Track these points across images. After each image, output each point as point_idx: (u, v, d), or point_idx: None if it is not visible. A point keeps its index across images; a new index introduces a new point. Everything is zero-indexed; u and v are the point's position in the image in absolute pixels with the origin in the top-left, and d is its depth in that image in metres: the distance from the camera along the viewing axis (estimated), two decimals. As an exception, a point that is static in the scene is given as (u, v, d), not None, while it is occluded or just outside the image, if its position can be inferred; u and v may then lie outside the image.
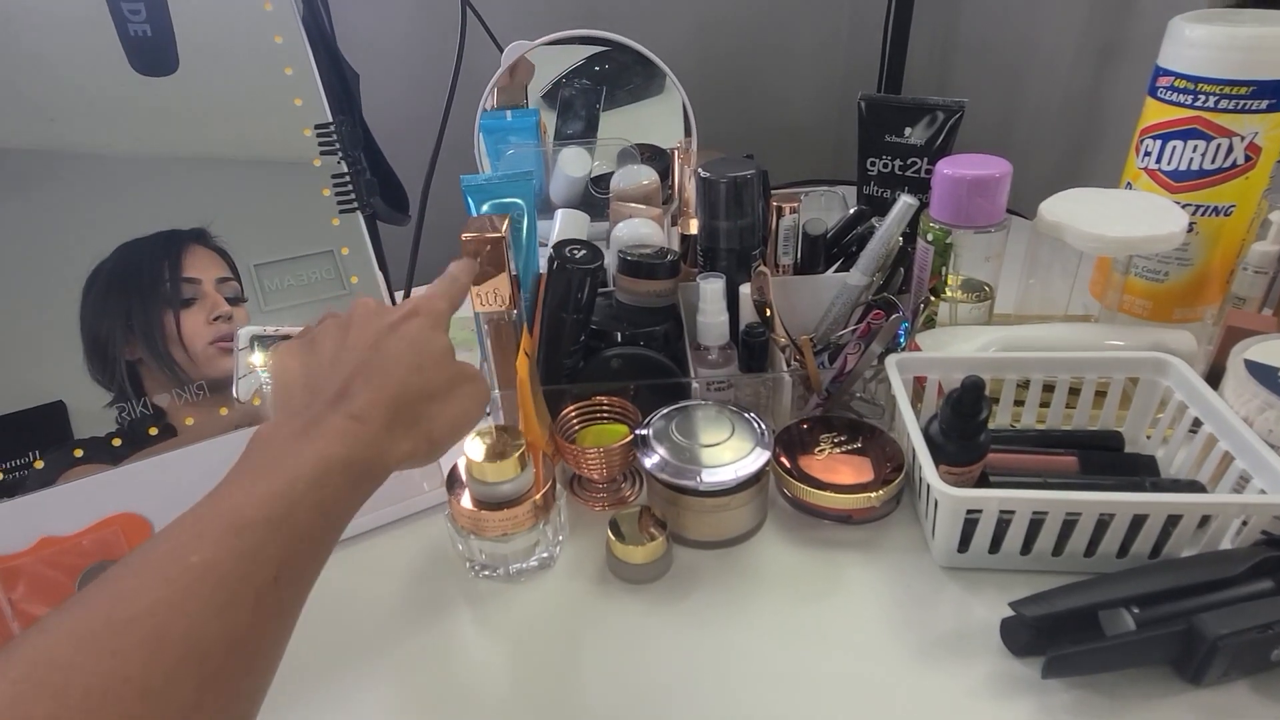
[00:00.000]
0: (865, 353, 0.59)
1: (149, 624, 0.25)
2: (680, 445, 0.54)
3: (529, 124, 0.85)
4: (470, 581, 0.54)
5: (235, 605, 0.27)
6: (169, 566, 0.27)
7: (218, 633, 0.27)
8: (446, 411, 0.39)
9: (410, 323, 0.39)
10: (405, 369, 0.37)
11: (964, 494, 0.48)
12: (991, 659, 0.46)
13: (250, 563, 0.28)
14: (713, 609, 0.51)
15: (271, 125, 0.54)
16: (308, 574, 0.31)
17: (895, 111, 0.75)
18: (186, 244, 0.51)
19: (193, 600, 0.26)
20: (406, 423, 0.36)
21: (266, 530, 0.29)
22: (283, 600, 0.30)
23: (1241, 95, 0.60)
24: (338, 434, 0.33)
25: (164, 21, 0.50)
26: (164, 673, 0.25)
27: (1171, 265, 0.68)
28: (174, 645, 0.26)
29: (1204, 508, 0.47)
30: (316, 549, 0.32)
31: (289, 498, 0.30)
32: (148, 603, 0.26)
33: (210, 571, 0.27)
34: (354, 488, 0.34)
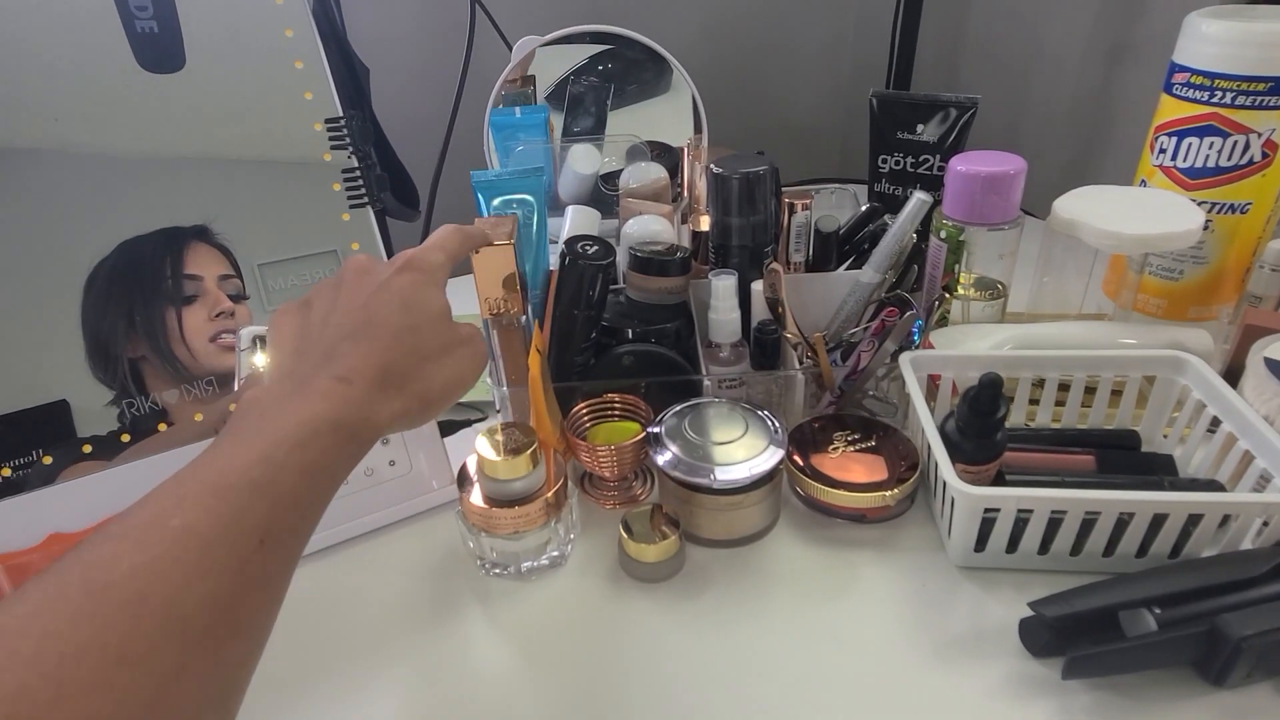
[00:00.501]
0: (878, 351, 0.59)
1: (128, 589, 0.25)
2: (693, 443, 0.54)
3: (538, 121, 0.85)
4: (481, 580, 0.54)
5: (218, 570, 0.26)
6: (149, 532, 0.26)
7: (200, 598, 0.26)
8: (441, 372, 0.38)
9: (402, 278, 0.38)
10: (396, 328, 0.36)
11: (982, 492, 0.47)
12: (1010, 660, 0.46)
13: (233, 527, 0.27)
14: (725, 608, 0.51)
15: (281, 120, 0.53)
16: (295, 539, 0.30)
17: (907, 108, 0.75)
18: (188, 241, 0.50)
19: (173, 565, 0.26)
20: (397, 383, 0.35)
21: (250, 494, 0.28)
22: (269, 565, 0.29)
23: (1259, 91, 0.59)
24: (323, 395, 0.33)
25: (171, 17, 0.50)
26: (144, 638, 0.24)
27: (1187, 263, 0.67)
28: (154, 611, 0.25)
29: (1226, 507, 0.46)
30: (304, 513, 0.31)
31: (273, 461, 0.29)
32: (126, 568, 0.25)
33: (192, 536, 0.26)
34: (341, 450, 0.32)
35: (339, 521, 0.57)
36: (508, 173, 0.58)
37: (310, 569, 0.55)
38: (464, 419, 0.66)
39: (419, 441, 0.58)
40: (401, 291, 0.37)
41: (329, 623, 0.51)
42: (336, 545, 0.57)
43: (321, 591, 0.54)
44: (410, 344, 0.36)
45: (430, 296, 0.39)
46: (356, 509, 0.57)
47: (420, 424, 0.37)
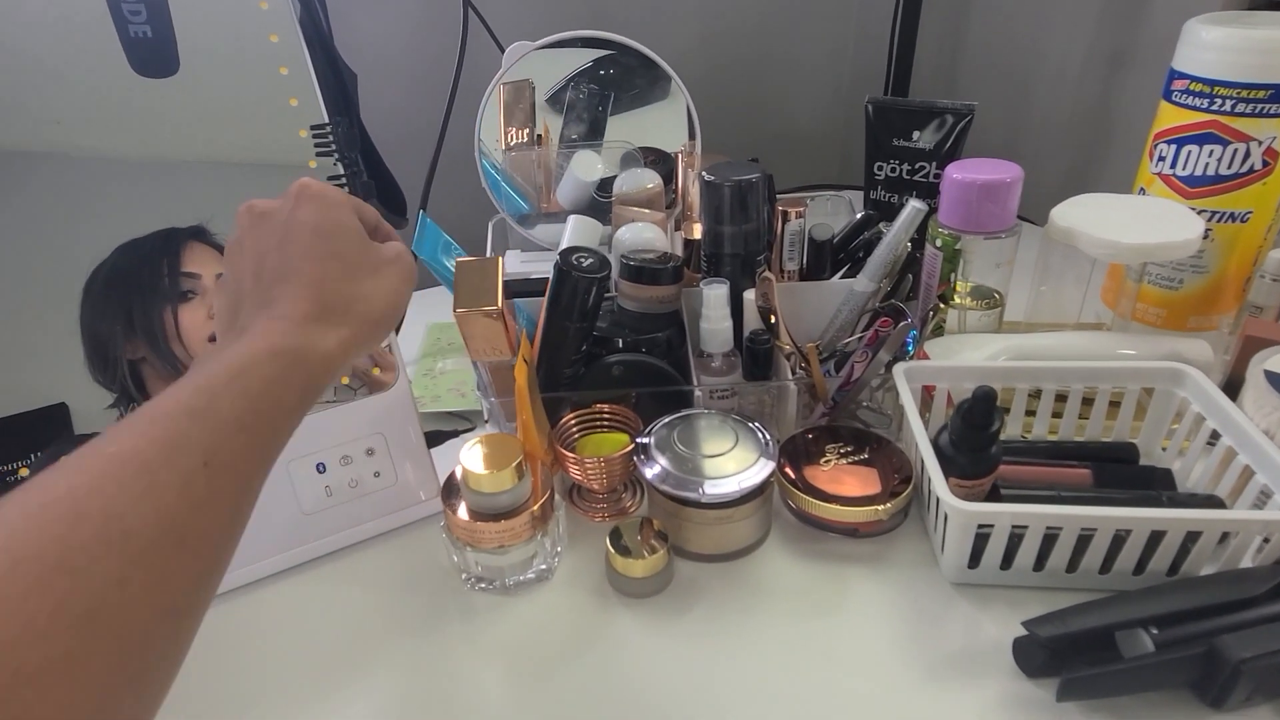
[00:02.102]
0: (872, 361, 0.58)
1: (64, 506, 0.24)
2: (682, 455, 0.53)
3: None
4: (466, 594, 0.53)
5: (159, 488, 0.26)
6: (85, 459, 0.26)
7: (143, 513, 0.25)
8: (378, 292, 0.37)
9: (305, 210, 0.37)
10: (318, 258, 0.36)
11: (976, 508, 0.46)
12: (1003, 679, 0.45)
13: (171, 449, 0.27)
14: (714, 625, 0.50)
15: (267, 126, 0.53)
16: (245, 463, 0.30)
17: (903, 115, 0.74)
18: (185, 240, 0.50)
19: (110, 483, 0.26)
20: (338, 312, 0.35)
21: (188, 419, 0.28)
22: (216, 487, 0.28)
23: (1259, 99, 0.59)
24: (261, 333, 0.33)
25: (164, 22, 0.49)
26: (82, 550, 0.24)
27: (1186, 273, 0.66)
28: (91, 522, 0.24)
29: (1225, 524, 0.45)
30: (250, 439, 0.30)
31: (210, 390, 0.30)
32: (63, 489, 0.25)
33: (130, 458, 0.26)
34: (285, 378, 0.32)
35: (321, 534, 0.56)
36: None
37: (290, 583, 0.55)
38: (451, 429, 0.66)
39: (405, 452, 0.57)
40: (309, 223, 0.36)
41: (309, 638, 0.51)
42: (320, 559, 0.56)
43: (302, 606, 0.53)
44: (337, 270, 0.36)
45: (340, 218, 0.38)
46: (340, 522, 0.56)
47: (375, 345, 0.37)
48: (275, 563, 0.55)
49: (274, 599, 0.53)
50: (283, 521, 0.54)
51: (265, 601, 0.53)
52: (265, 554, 0.54)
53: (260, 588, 0.54)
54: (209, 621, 0.28)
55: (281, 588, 0.54)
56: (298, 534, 0.55)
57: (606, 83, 0.85)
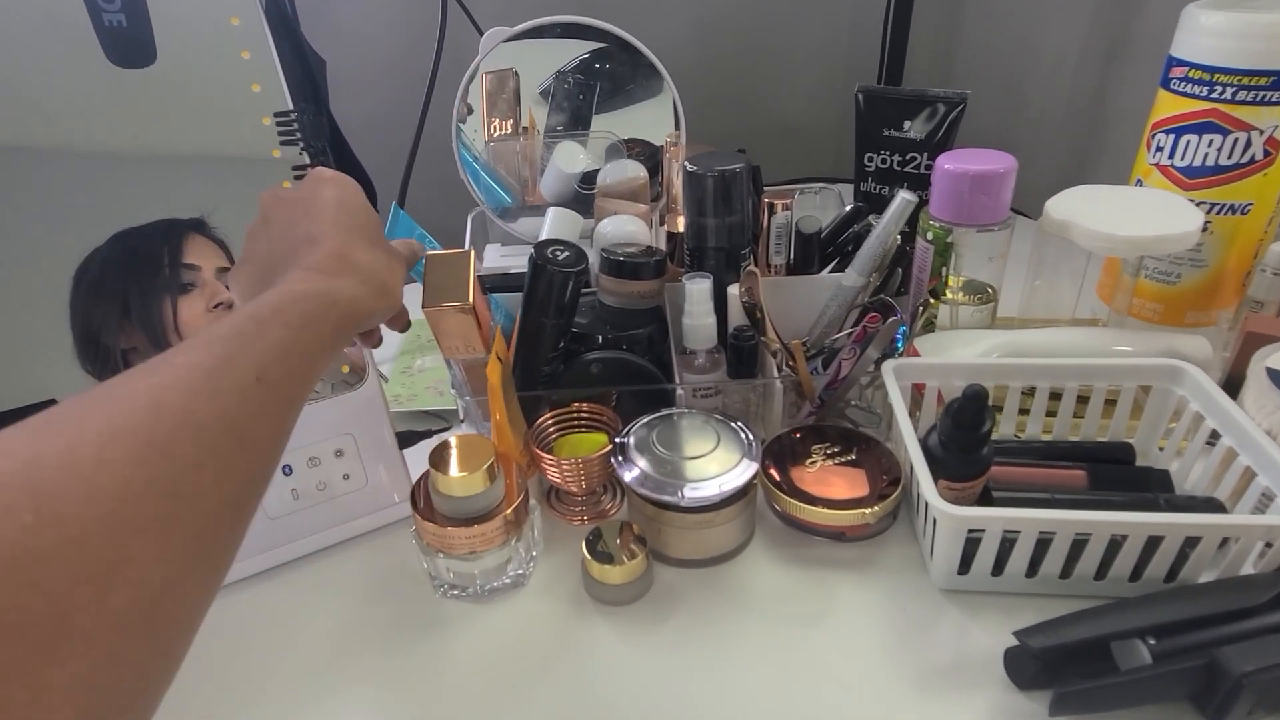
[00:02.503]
0: (861, 358, 0.56)
1: (147, 396, 0.27)
2: (662, 457, 0.51)
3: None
4: (437, 602, 0.51)
5: (222, 394, 0.29)
6: (156, 366, 0.29)
7: (210, 412, 0.28)
8: (384, 259, 0.41)
9: (327, 189, 0.41)
10: (341, 225, 0.40)
11: (965, 513, 0.44)
12: (994, 691, 0.43)
13: (229, 364, 0.30)
14: (694, 634, 0.48)
15: (228, 114, 0.51)
16: (289, 385, 0.33)
17: (894, 104, 0.72)
18: (186, 232, 0.50)
19: (183, 384, 0.28)
20: (356, 269, 0.39)
21: (240, 341, 0.31)
22: (267, 400, 0.31)
23: (1261, 86, 0.57)
24: (296, 279, 0.37)
25: (139, 10, 0.47)
26: (166, 432, 0.26)
27: (1184, 266, 0.64)
28: (170, 413, 0.27)
29: (1225, 530, 0.44)
30: (293, 364, 0.33)
31: (258, 318, 0.33)
32: (143, 386, 0.28)
33: (195, 368, 0.29)
34: (320, 315, 0.36)
35: (288, 540, 0.54)
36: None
37: (254, 591, 0.53)
38: (425, 429, 0.63)
39: (376, 453, 0.55)
40: (334, 199, 0.41)
41: (273, 649, 0.48)
42: (286, 565, 0.54)
43: (266, 615, 0.51)
44: (355, 236, 0.40)
45: (358, 197, 0.42)
46: (307, 526, 0.54)
47: (380, 312, 0.41)
48: (239, 569, 0.53)
49: (237, 607, 0.51)
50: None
51: (227, 610, 0.51)
52: (228, 560, 0.52)
53: (224, 595, 0.51)
54: None
55: (245, 596, 0.52)
56: (263, 539, 0.53)
57: (594, 73, 0.83)
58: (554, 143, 0.83)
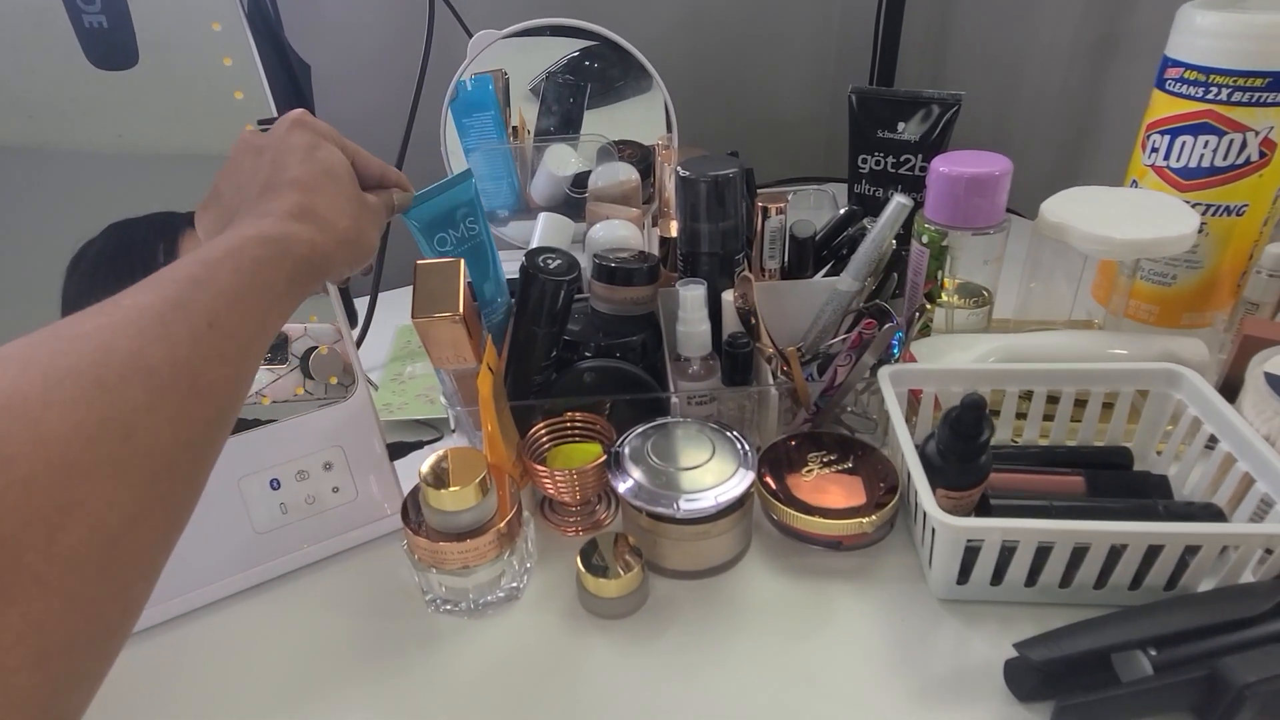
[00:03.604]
0: (856, 365, 0.55)
1: (95, 339, 0.27)
2: (657, 468, 0.50)
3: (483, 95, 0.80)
4: (429, 617, 0.50)
5: (171, 338, 0.29)
6: (104, 308, 0.28)
7: (161, 355, 0.28)
8: (349, 214, 0.41)
9: (296, 136, 0.41)
10: (302, 175, 0.39)
11: (964, 524, 0.44)
12: (994, 703, 0.42)
13: (180, 307, 0.30)
14: (691, 646, 0.47)
15: (212, 120, 0.49)
16: (242, 332, 0.32)
17: (888, 105, 0.71)
18: (183, 228, 0.48)
19: (130, 327, 0.28)
20: (314, 216, 0.38)
21: (191, 285, 0.31)
22: (220, 347, 0.31)
23: (1256, 88, 0.56)
24: (249, 224, 0.36)
25: (121, 12, 0.46)
26: (115, 375, 0.26)
27: (1180, 268, 0.64)
28: (119, 355, 0.27)
29: (1225, 538, 0.43)
30: (246, 310, 0.33)
31: (208, 263, 0.32)
32: (90, 326, 0.27)
33: (145, 310, 0.29)
34: (273, 261, 0.35)
35: (277, 554, 0.53)
36: (434, 187, 0.53)
37: (244, 607, 0.52)
38: (416, 440, 0.62)
39: (366, 465, 0.55)
40: (299, 148, 0.40)
41: (262, 666, 0.48)
42: (275, 580, 0.53)
43: (256, 632, 0.50)
44: (321, 181, 0.40)
45: (326, 150, 0.41)
46: (297, 540, 0.53)
47: (339, 267, 0.40)
48: (227, 585, 0.52)
49: (226, 624, 0.50)
50: (234, 541, 0.51)
51: (216, 627, 0.50)
52: (216, 576, 0.51)
53: (211, 612, 0.51)
54: (155, 649, 0.28)
55: (234, 612, 0.51)
56: (251, 554, 0.52)
57: (583, 73, 0.82)
58: (544, 146, 0.82)
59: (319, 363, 0.52)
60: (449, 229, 0.55)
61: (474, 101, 0.80)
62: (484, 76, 0.80)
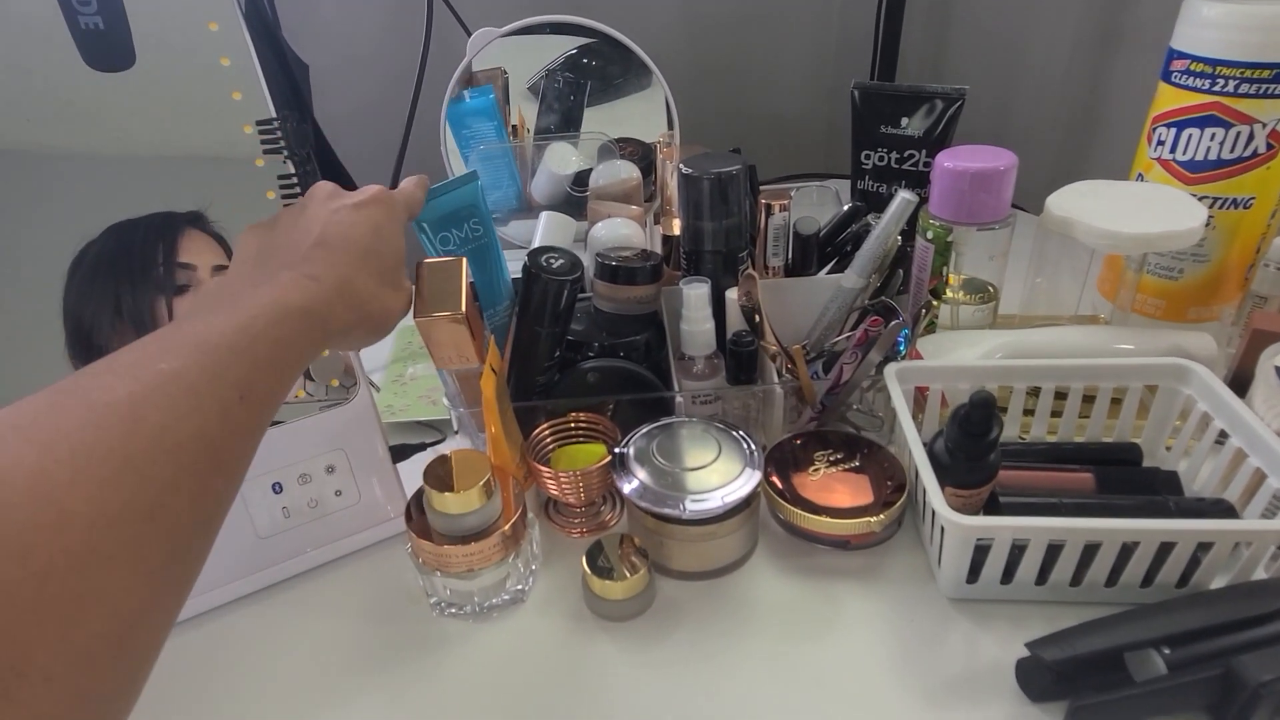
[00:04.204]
0: (862, 362, 0.55)
1: (125, 410, 0.26)
2: (662, 469, 0.50)
3: (487, 104, 0.79)
4: (434, 620, 0.50)
5: (203, 411, 0.28)
6: (139, 369, 0.28)
7: (189, 430, 0.27)
8: (384, 301, 0.41)
9: (375, 208, 0.41)
10: (364, 248, 0.39)
11: (974, 523, 0.44)
12: (1006, 703, 0.42)
13: (215, 379, 0.29)
14: (698, 648, 0.47)
15: (211, 121, 0.49)
16: (269, 402, 0.32)
17: (891, 100, 0.71)
18: (182, 228, 0.48)
19: (164, 398, 0.27)
20: (352, 298, 0.38)
21: (230, 355, 0.30)
22: (246, 419, 0.30)
23: (1264, 79, 0.56)
24: (293, 285, 0.35)
25: (117, 13, 0.46)
26: (143, 452, 0.25)
27: (1187, 262, 0.63)
28: (150, 431, 0.26)
29: (1237, 535, 0.43)
30: (275, 381, 0.33)
31: (250, 330, 0.32)
32: (123, 393, 0.26)
33: (179, 378, 0.28)
34: (307, 336, 0.35)
35: (279, 559, 0.53)
36: (439, 187, 0.53)
37: (246, 612, 0.51)
38: (419, 441, 0.62)
39: (369, 468, 0.54)
40: (374, 218, 0.41)
41: (265, 672, 0.47)
42: (278, 585, 0.53)
43: (259, 638, 0.49)
44: (373, 266, 0.40)
45: (397, 233, 0.42)
46: (300, 545, 0.53)
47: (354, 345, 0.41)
48: (229, 591, 0.51)
49: (229, 630, 0.50)
50: (236, 547, 0.51)
51: (219, 633, 0.50)
52: (218, 582, 0.51)
53: (213, 618, 0.51)
54: (162, 652, 0.27)
55: (237, 618, 0.51)
56: (253, 559, 0.52)
57: (584, 70, 0.81)
58: (545, 144, 0.82)
59: (320, 365, 0.51)
60: (453, 228, 0.54)
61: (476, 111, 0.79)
62: (485, 88, 0.79)
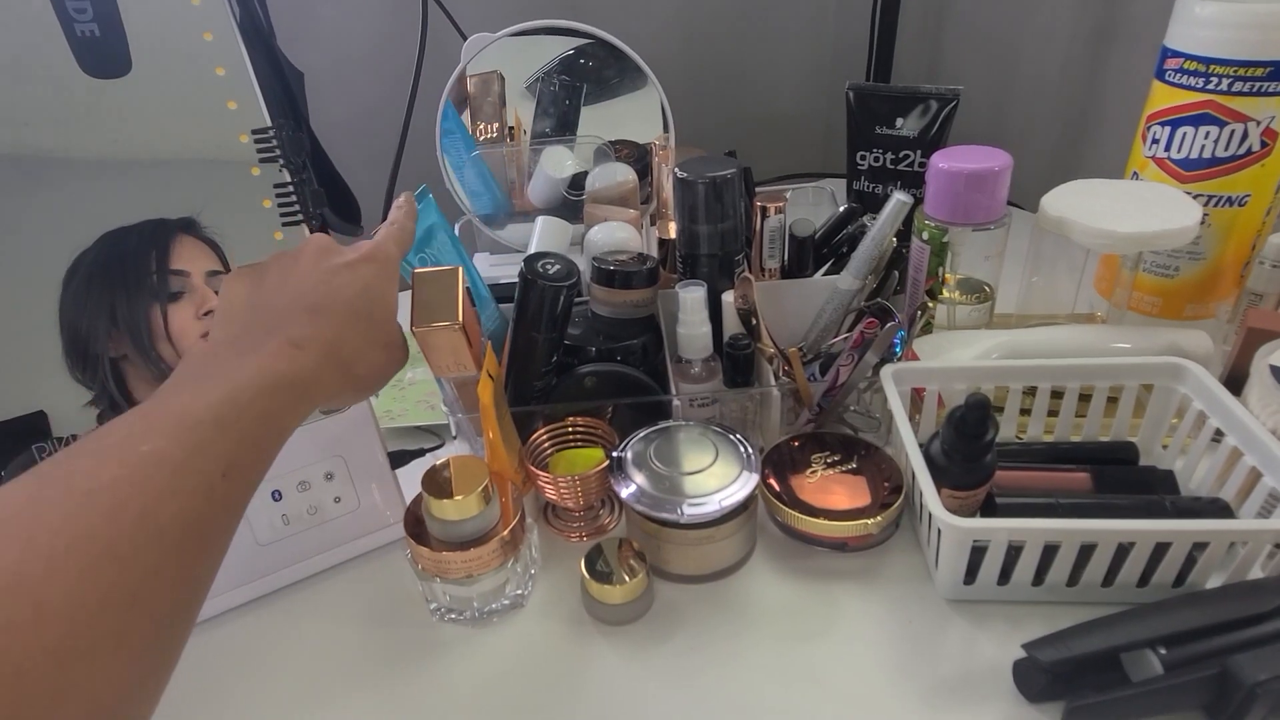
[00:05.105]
0: (859, 364, 0.55)
1: (108, 497, 0.26)
2: (660, 473, 0.50)
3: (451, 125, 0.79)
4: (434, 626, 0.50)
5: (187, 492, 0.28)
6: (122, 451, 0.28)
7: (172, 513, 0.27)
8: (375, 362, 0.40)
9: (367, 267, 0.40)
10: (353, 311, 0.38)
11: (970, 524, 0.44)
12: (1004, 704, 0.42)
13: (200, 457, 0.29)
14: (697, 652, 0.47)
15: (206, 131, 0.49)
16: (253, 475, 0.32)
17: (886, 101, 0.71)
18: (174, 234, 0.47)
19: (148, 481, 0.27)
20: (341, 362, 0.37)
21: (215, 430, 0.30)
22: (230, 494, 0.30)
23: (1257, 77, 0.56)
24: (279, 355, 0.35)
25: (113, 20, 0.46)
26: (126, 540, 0.25)
27: (1182, 260, 0.64)
28: (133, 517, 0.26)
29: (1233, 535, 0.43)
30: (259, 455, 0.33)
31: (236, 403, 0.31)
32: (106, 479, 0.26)
33: (163, 460, 0.28)
34: (293, 407, 0.34)
35: (279, 566, 0.53)
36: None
37: (246, 620, 0.51)
38: (417, 447, 0.62)
39: (368, 474, 0.54)
40: (365, 279, 0.39)
41: (266, 679, 0.47)
42: (278, 592, 0.53)
43: (259, 645, 0.50)
44: (362, 330, 0.39)
45: (389, 291, 0.41)
46: (299, 551, 0.53)
47: (341, 405, 0.41)
48: (229, 599, 0.52)
49: (229, 638, 0.50)
50: (236, 555, 0.51)
51: (219, 641, 0.50)
52: (217, 590, 0.50)
53: (213, 626, 0.51)
54: None
55: (236, 626, 0.51)
56: (253, 567, 0.52)
57: (579, 72, 0.81)
58: (541, 148, 0.82)
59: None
60: (424, 250, 0.55)
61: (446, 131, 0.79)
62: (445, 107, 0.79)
